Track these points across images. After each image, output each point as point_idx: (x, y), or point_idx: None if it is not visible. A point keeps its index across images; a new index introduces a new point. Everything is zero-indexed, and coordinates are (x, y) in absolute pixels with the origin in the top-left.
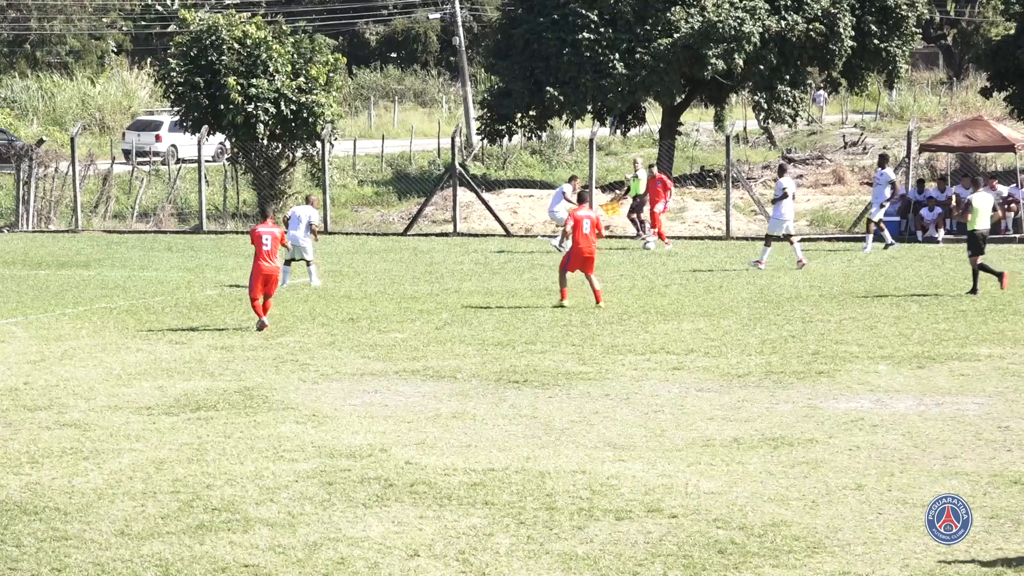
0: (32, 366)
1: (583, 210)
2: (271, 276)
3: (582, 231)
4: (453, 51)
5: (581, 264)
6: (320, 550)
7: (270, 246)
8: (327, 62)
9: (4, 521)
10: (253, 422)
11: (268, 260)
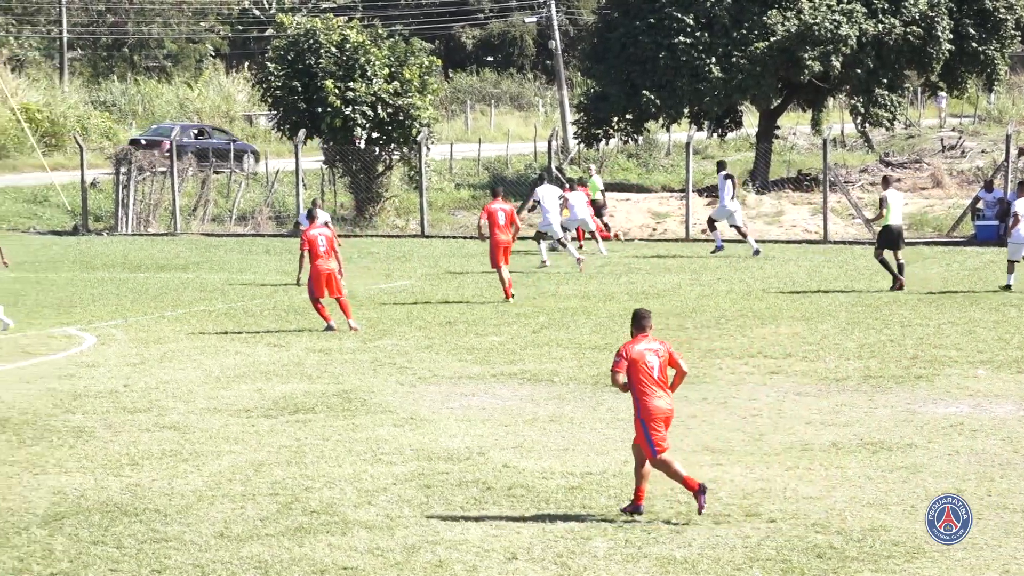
0: (132, 368)
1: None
2: (330, 276)
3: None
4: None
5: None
6: (418, 553)
7: (325, 246)
8: (422, 65)
9: (105, 523)
10: (351, 425)
11: (325, 260)
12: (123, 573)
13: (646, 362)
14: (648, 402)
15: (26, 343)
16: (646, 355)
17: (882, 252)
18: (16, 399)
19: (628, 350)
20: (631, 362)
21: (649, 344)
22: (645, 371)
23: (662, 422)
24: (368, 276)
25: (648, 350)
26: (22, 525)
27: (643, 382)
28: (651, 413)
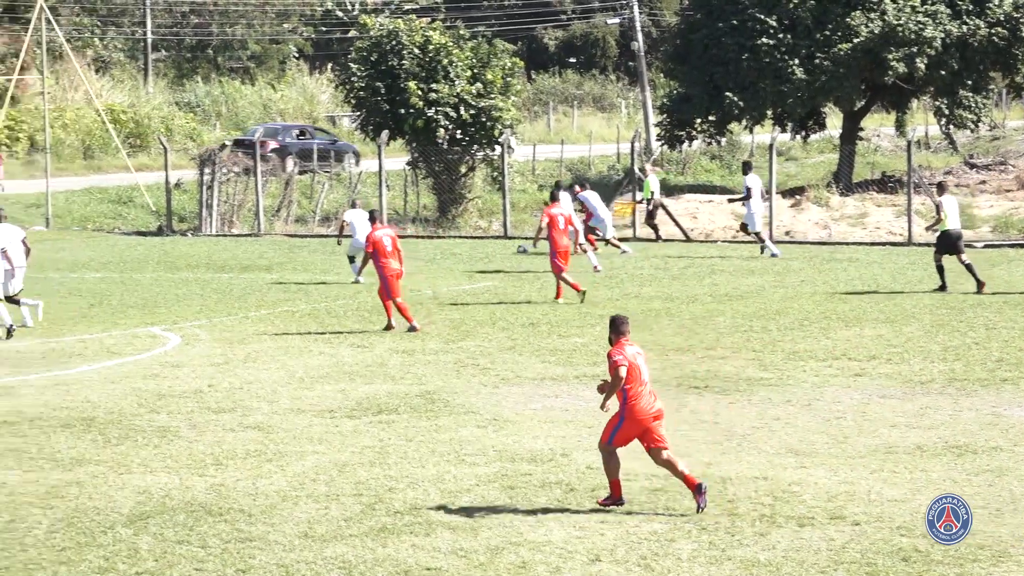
0: (216, 369)
1: (556, 208)
2: (399, 275)
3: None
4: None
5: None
6: (502, 554)
7: (391, 246)
8: (505, 67)
9: (190, 522)
10: (434, 426)
11: (392, 261)
12: (208, 573)
13: (637, 365)
14: (636, 403)
15: (111, 343)
16: (637, 359)
17: (940, 257)
18: (102, 399)
19: (623, 353)
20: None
21: (634, 348)
22: (637, 373)
23: (642, 420)
24: (451, 277)
25: (637, 354)
26: (108, 524)
27: (634, 384)
28: (634, 411)
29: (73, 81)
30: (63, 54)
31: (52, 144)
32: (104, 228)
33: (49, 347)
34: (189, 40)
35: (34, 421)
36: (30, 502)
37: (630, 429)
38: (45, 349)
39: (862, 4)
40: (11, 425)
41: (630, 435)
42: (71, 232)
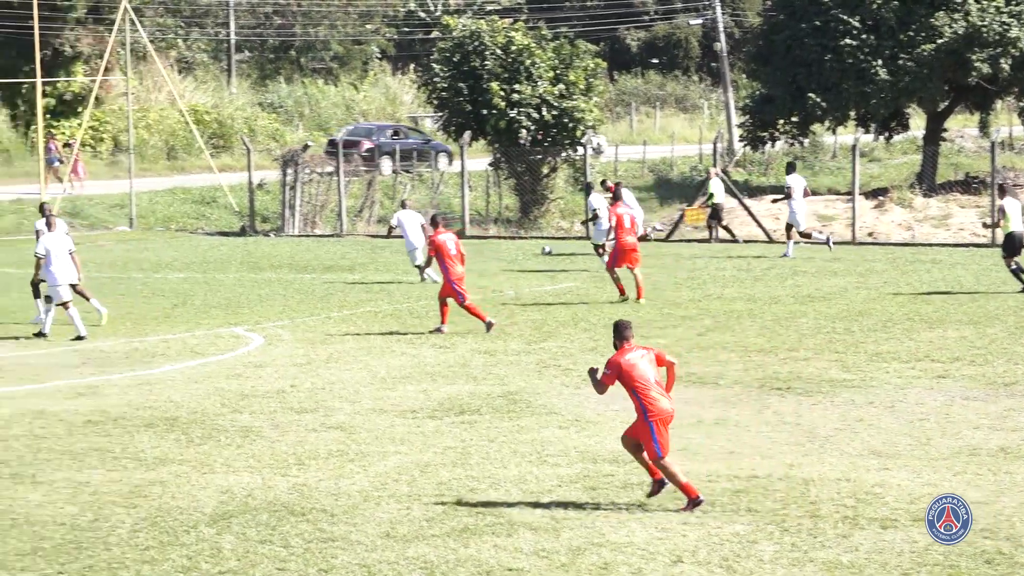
0: (298, 369)
1: (622, 207)
2: (462, 278)
3: (623, 227)
4: (714, 57)
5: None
6: (584, 555)
7: (455, 250)
8: (587, 67)
9: (272, 522)
10: (516, 426)
11: (458, 264)
12: (290, 572)
13: (641, 370)
14: (653, 405)
15: (194, 343)
16: (638, 364)
17: (1010, 260)
18: (185, 399)
19: (620, 362)
20: (626, 373)
21: (637, 352)
22: (643, 378)
23: (665, 424)
24: (533, 278)
25: (639, 358)
26: (191, 523)
27: (644, 388)
28: (657, 415)
29: (157, 82)
30: (147, 55)
31: (136, 145)
32: (187, 228)
33: (133, 347)
34: (272, 41)
35: (118, 420)
36: (114, 501)
37: (662, 431)
38: (129, 349)
39: (946, 4)
40: (95, 424)
41: (666, 436)
42: (154, 232)
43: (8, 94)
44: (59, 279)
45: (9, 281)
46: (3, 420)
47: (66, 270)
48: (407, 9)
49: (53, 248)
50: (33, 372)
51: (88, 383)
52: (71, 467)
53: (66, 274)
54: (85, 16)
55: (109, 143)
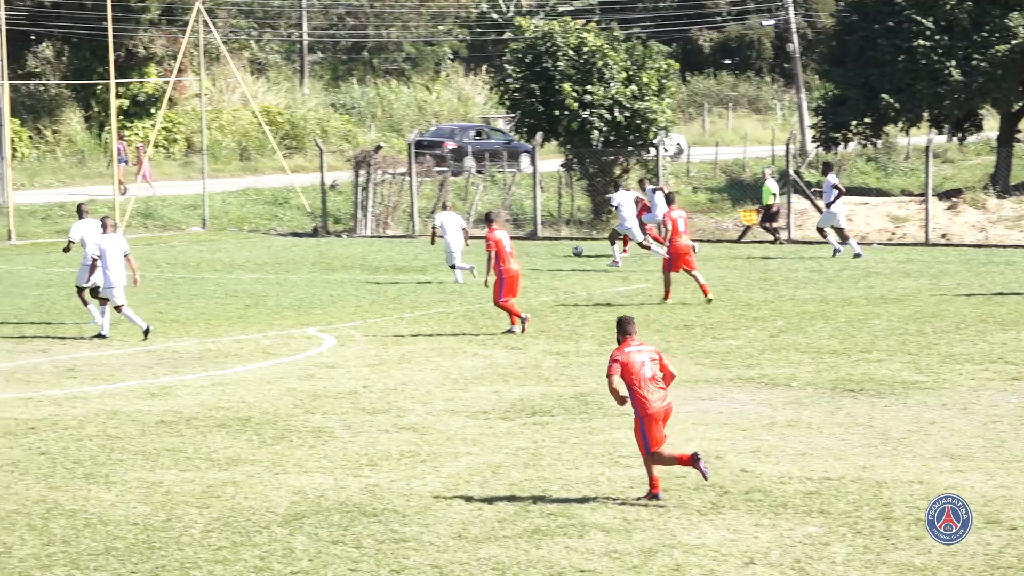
0: (371, 369)
1: (676, 211)
2: (518, 276)
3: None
4: (787, 57)
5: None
6: (655, 557)
7: (510, 247)
8: (660, 68)
9: (344, 523)
10: (588, 428)
11: (512, 261)
12: (362, 573)
13: (636, 365)
14: (646, 403)
15: (267, 344)
16: (635, 358)
17: None
18: (258, 399)
19: (619, 355)
20: (624, 366)
21: (638, 347)
22: (637, 373)
23: (658, 420)
24: (606, 279)
25: (637, 353)
26: (263, 524)
27: (637, 384)
28: (649, 412)
29: (230, 83)
30: (220, 56)
31: (209, 146)
32: (260, 229)
33: (206, 347)
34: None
35: (191, 421)
36: (187, 501)
37: (653, 427)
38: (202, 349)
39: (1020, 5)
40: (168, 425)
41: (657, 432)
42: (227, 233)
43: (82, 95)
44: (114, 281)
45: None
46: (77, 420)
47: (120, 272)
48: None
49: (108, 249)
50: (107, 372)
51: (161, 383)
52: (144, 467)
53: (120, 276)
54: (159, 17)
55: (182, 144)
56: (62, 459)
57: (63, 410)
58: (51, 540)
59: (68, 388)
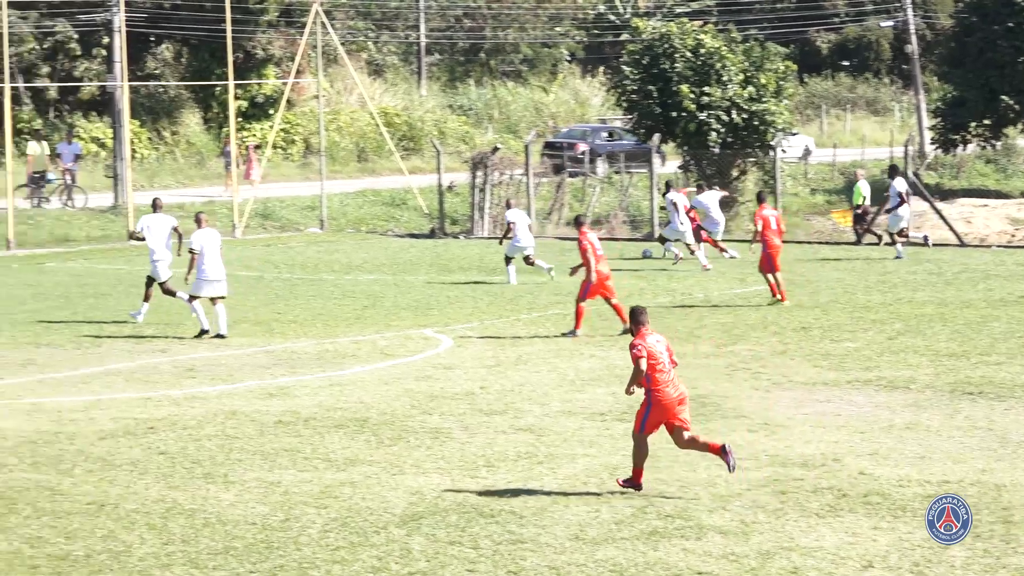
0: (488, 371)
1: (767, 209)
2: (608, 276)
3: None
4: (906, 59)
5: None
6: (773, 559)
7: (601, 249)
8: (777, 70)
9: (462, 523)
10: (705, 429)
11: (602, 263)
12: (480, 574)
13: (658, 353)
14: (660, 393)
15: (384, 345)
16: (656, 347)
17: None
18: (375, 400)
19: (644, 343)
20: (649, 354)
21: (655, 337)
22: (658, 360)
23: (668, 408)
24: (723, 281)
25: (656, 343)
26: (381, 524)
27: (657, 370)
28: (663, 403)
29: (347, 85)
30: (338, 58)
31: (327, 147)
32: (377, 230)
33: (324, 348)
34: (462, 44)
35: (308, 421)
36: (305, 502)
37: (657, 416)
38: (320, 350)
39: None
40: (286, 425)
41: (658, 421)
42: (345, 234)
43: (201, 96)
44: (210, 276)
45: None
46: (196, 420)
47: (217, 267)
48: (596, 12)
49: (206, 245)
50: (226, 372)
51: (279, 384)
52: (262, 467)
53: (217, 270)
54: (277, 19)
55: (300, 146)
56: (181, 459)
57: (182, 410)
58: (170, 539)
59: (187, 388)
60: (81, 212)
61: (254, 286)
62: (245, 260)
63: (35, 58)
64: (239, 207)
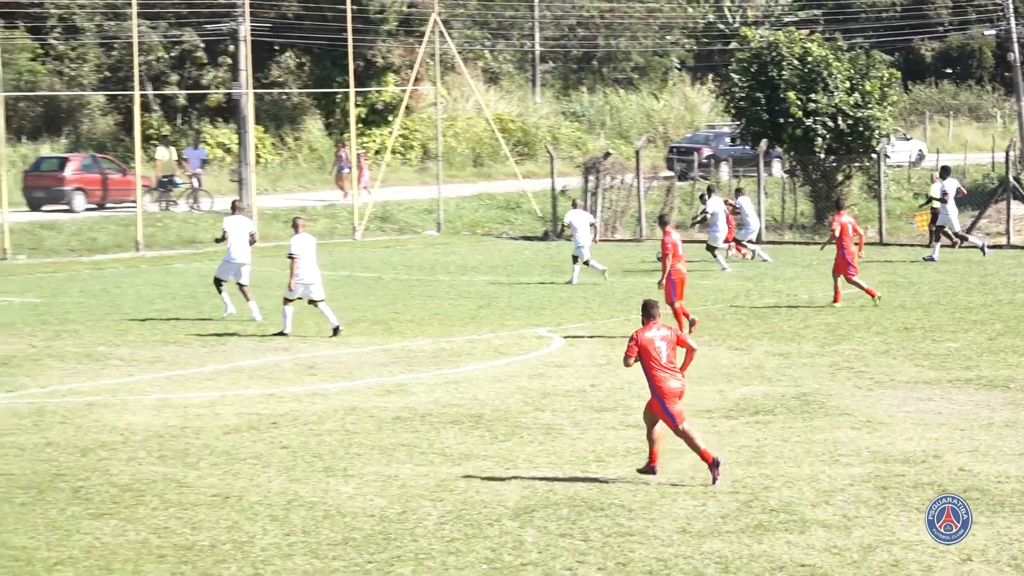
0: (598, 369)
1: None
2: (686, 278)
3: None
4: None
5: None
6: (874, 552)
7: (682, 250)
8: (882, 78)
9: (572, 516)
10: (809, 427)
11: (682, 264)
12: (589, 565)
13: (655, 347)
14: (662, 383)
15: (499, 343)
16: (655, 340)
17: None
18: (489, 397)
19: (639, 336)
20: (642, 347)
21: (658, 331)
22: (654, 355)
23: (676, 398)
24: (827, 282)
25: (657, 336)
26: (494, 517)
27: (654, 366)
28: (665, 392)
29: (464, 92)
30: (455, 66)
31: (444, 152)
32: (492, 233)
33: (440, 347)
34: (575, 52)
35: (425, 417)
36: (421, 495)
37: (672, 403)
38: (436, 348)
39: None
40: (404, 421)
41: (678, 408)
42: (461, 237)
43: (323, 103)
44: (308, 278)
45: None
46: (317, 416)
47: (311, 271)
48: (706, 21)
49: (302, 250)
50: (346, 370)
51: (397, 381)
52: (380, 461)
53: (312, 274)
54: (396, 28)
55: (418, 151)
56: (302, 453)
57: (303, 406)
58: (292, 530)
59: (308, 385)
60: (207, 215)
61: (373, 287)
62: (364, 261)
63: (164, 66)
64: (359, 210)
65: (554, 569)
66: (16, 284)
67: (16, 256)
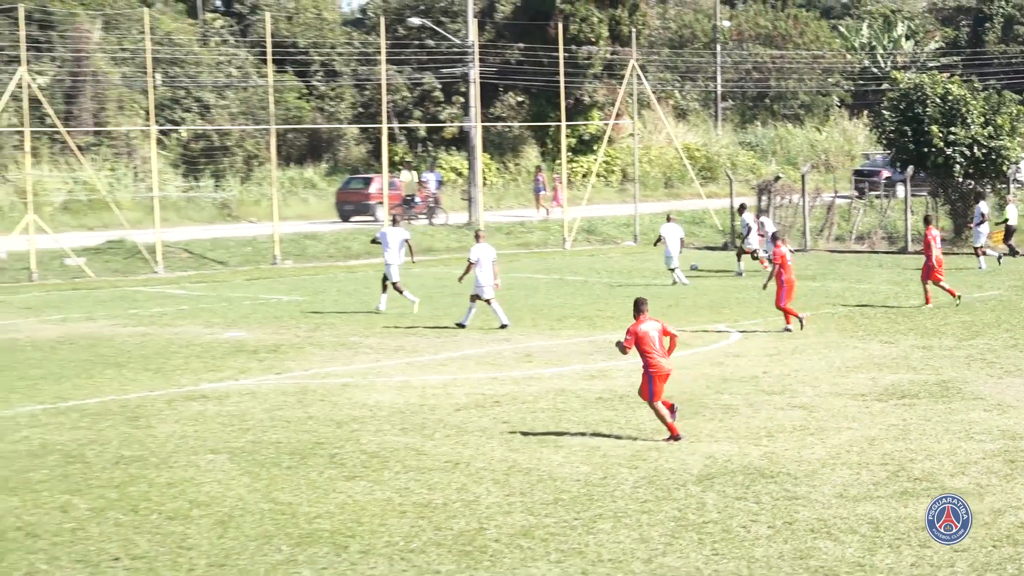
0: (769, 359)
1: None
2: (795, 284)
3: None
4: None
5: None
6: (1003, 516)
7: (792, 261)
8: (1012, 113)
9: (746, 482)
10: (948, 409)
11: (792, 274)
12: (761, 523)
13: (650, 336)
14: (657, 366)
15: (685, 337)
16: (649, 332)
17: None
18: (677, 382)
19: (636, 329)
20: (639, 338)
21: (649, 323)
22: (650, 343)
23: (664, 379)
24: (964, 287)
25: (650, 328)
26: (680, 482)
27: (649, 352)
28: (658, 373)
29: (657, 125)
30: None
31: (640, 176)
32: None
33: None
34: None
35: (623, 398)
36: (619, 463)
37: (658, 384)
38: None
39: None
40: (605, 401)
41: (660, 389)
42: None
43: (539, 135)
44: (482, 281)
45: (536, 285)
46: (532, 396)
47: (488, 274)
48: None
49: (482, 257)
50: (557, 358)
51: (600, 367)
52: (585, 434)
53: (487, 277)
54: (601, 72)
55: (618, 175)
56: (520, 427)
57: (521, 388)
58: (511, 491)
59: (525, 370)
60: (441, 227)
61: (580, 288)
62: (572, 267)
63: (407, 104)
64: (568, 224)
65: (731, 527)
66: (284, 285)
67: (284, 261)
